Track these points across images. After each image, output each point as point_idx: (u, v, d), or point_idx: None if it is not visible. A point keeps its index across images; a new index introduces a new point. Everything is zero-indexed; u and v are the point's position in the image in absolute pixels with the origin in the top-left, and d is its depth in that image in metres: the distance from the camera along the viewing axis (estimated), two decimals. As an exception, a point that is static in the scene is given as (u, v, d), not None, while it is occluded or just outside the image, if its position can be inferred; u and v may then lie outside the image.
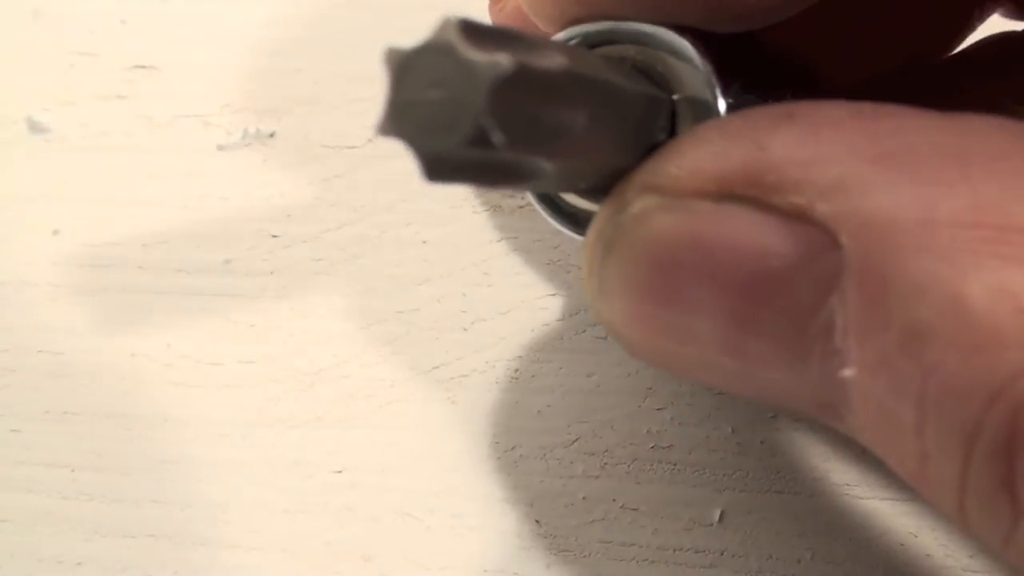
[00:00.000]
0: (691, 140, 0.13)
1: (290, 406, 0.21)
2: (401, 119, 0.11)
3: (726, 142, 0.13)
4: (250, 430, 0.21)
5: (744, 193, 0.12)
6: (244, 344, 0.22)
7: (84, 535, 0.20)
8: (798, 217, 0.12)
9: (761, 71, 0.16)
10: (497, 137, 0.11)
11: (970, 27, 0.20)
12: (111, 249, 0.23)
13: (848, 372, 0.12)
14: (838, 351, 0.12)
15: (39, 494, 0.21)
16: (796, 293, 0.12)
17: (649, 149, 0.14)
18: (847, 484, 0.19)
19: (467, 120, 0.11)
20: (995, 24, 0.20)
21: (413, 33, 0.12)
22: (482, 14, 0.21)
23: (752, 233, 0.12)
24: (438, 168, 0.11)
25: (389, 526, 0.20)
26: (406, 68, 0.11)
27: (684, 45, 0.14)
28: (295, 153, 0.24)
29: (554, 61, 0.12)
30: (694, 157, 0.13)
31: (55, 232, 0.23)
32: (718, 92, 0.14)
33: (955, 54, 0.20)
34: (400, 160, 0.24)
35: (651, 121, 0.14)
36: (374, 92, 0.24)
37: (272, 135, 0.24)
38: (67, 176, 0.24)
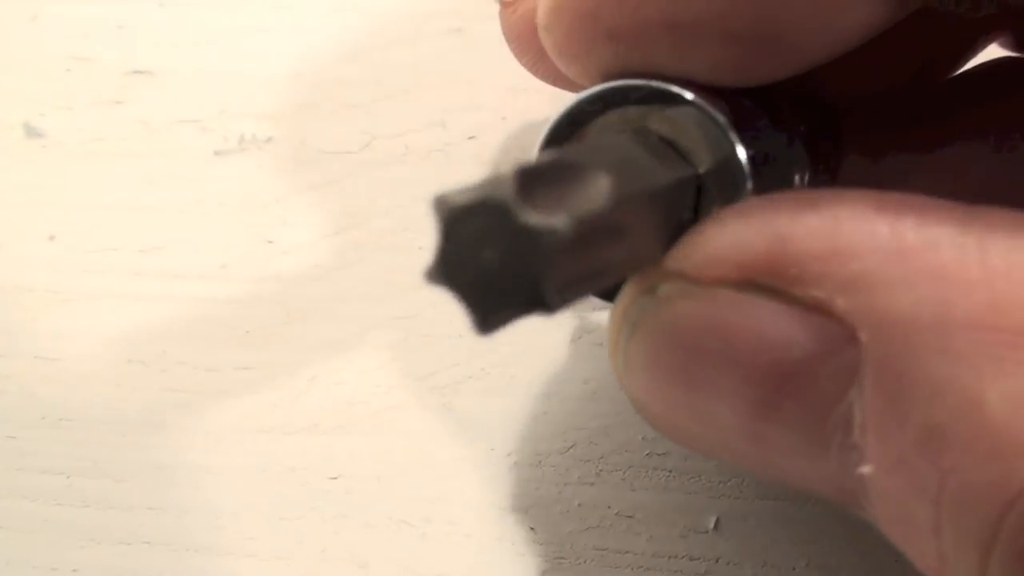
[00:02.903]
0: (715, 227, 0.13)
1: (286, 412, 0.21)
2: (451, 272, 0.11)
3: (749, 231, 0.13)
4: (245, 436, 0.21)
5: (766, 283, 0.13)
6: (240, 350, 0.22)
7: (79, 542, 0.20)
8: (818, 310, 0.12)
9: (777, 96, 0.16)
10: (554, 301, 0.11)
11: (972, 53, 0.20)
12: (107, 255, 0.23)
13: (866, 469, 0.12)
14: (856, 445, 0.12)
15: (34, 501, 0.21)
16: (816, 384, 0.12)
17: (675, 229, 0.14)
18: (843, 491, 0.19)
19: (525, 287, 0.11)
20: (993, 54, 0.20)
21: (411, 37, 0.11)
22: (488, 12, 0.21)
23: (773, 323, 0.13)
24: (492, 324, 0.11)
25: (384, 533, 0.20)
26: (456, 221, 0.11)
27: (711, 112, 0.14)
28: (292, 158, 0.24)
29: (600, 189, 0.12)
30: (717, 245, 0.13)
31: (51, 237, 0.23)
32: (745, 165, 0.14)
33: (957, 76, 0.20)
34: (397, 166, 0.24)
35: (679, 202, 0.14)
36: (371, 97, 0.24)
37: (269, 140, 0.24)
38: (63, 181, 0.24)
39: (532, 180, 0.11)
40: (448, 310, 0.22)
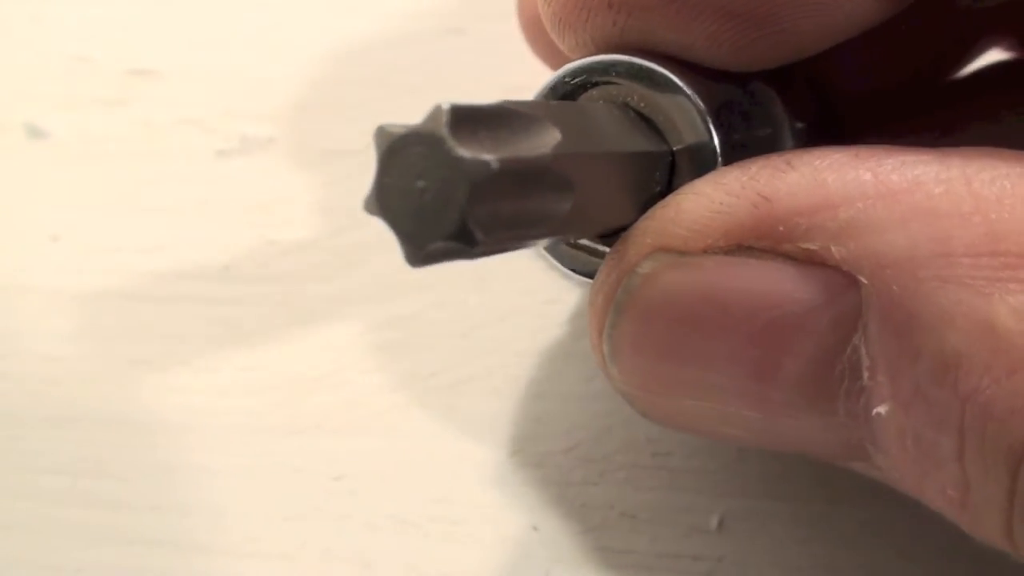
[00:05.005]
0: (692, 198, 0.13)
1: (289, 413, 0.21)
2: (387, 202, 0.12)
3: (729, 198, 0.13)
4: (249, 437, 0.21)
5: (754, 244, 0.13)
6: (243, 351, 0.22)
7: (83, 542, 0.20)
8: (812, 261, 0.12)
9: (771, 90, 0.16)
10: (480, 235, 0.11)
11: (974, 53, 0.20)
12: (110, 255, 0.23)
13: (881, 409, 0.12)
14: (865, 388, 0.12)
15: (37, 501, 0.21)
16: (818, 336, 0.13)
17: (646, 201, 0.14)
18: (846, 490, 0.19)
19: (451, 217, 0.11)
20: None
21: (412, 37, 0.12)
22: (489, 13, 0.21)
23: (767, 281, 0.13)
24: (420, 256, 0.12)
25: (388, 533, 0.20)
26: (394, 152, 0.11)
27: (687, 92, 0.14)
28: (294, 158, 0.24)
29: (547, 140, 0.12)
30: (699, 215, 0.13)
31: (54, 238, 0.23)
32: (716, 141, 0.14)
33: (961, 76, 0.20)
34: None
35: (649, 175, 0.14)
36: (372, 97, 0.24)
37: (271, 140, 0.24)
38: (66, 182, 0.24)
39: (472, 119, 0.11)
40: (450, 310, 0.22)
